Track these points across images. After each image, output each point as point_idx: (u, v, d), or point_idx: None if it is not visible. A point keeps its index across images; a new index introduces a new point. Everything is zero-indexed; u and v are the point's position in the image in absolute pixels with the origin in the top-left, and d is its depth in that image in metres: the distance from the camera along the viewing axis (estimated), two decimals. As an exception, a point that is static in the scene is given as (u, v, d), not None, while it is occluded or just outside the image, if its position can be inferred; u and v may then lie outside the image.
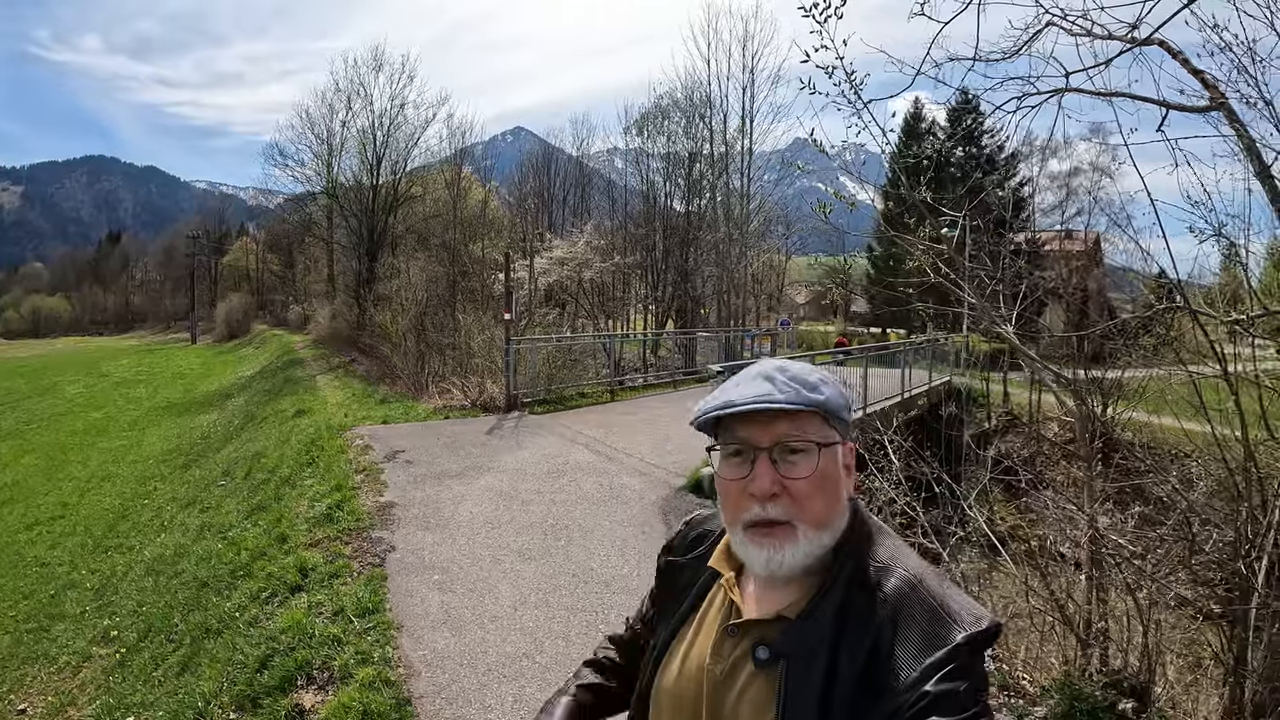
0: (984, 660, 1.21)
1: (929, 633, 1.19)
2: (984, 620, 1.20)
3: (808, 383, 1.32)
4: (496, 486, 9.25)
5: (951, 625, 1.19)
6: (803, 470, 1.29)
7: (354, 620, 5.72)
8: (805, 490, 1.29)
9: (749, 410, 1.28)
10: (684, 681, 1.39)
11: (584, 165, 44.81)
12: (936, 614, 1.21)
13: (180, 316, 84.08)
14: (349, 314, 32.32)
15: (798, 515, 1.28)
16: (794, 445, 1.29)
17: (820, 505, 1.30)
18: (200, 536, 10.32)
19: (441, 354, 19.12)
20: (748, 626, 1.33)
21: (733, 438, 1.33)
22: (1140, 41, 4.77)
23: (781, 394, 1.29)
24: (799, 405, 1.28)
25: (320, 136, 37.49)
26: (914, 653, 1.18)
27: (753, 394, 1.30)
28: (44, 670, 8.65)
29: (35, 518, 15.24)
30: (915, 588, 1.25)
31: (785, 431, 1.30)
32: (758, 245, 34.36)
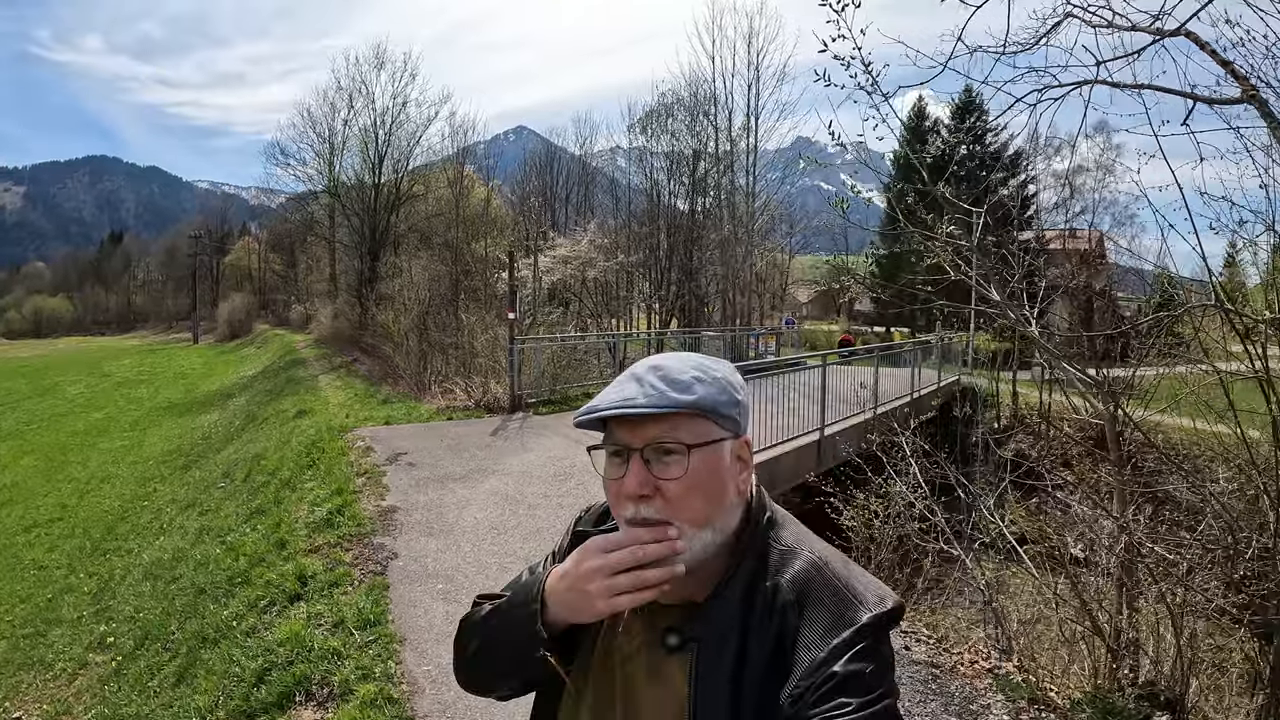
0: (889, 641, 1.22)
1: (835, 614, 1.20)
2: (888, 600, 1.22)
3: (678, 383, 1.28)
4: (501, 490, 9.03)
5: (857, 606, 1.20)
6: (674, 471, 1.25)
7: (355, 632, 5.50)
8: (678, 491, 1.25)
9: (613, 415, 1.26)
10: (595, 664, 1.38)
11: (587, 164, 44.67)
12: (842, 595, 1.22)
13: (182, 316, 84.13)
14: (351, 313, 32.21)
15: (673, 515, 1.25)
16: (667, 446, 1.26)
17: (698, 504, 1.27)
18: (199, 540, 10.15)
19: (444, 354, 18.94)
20: (655, 610, 1.31)
21: (611, 438, 1.31)
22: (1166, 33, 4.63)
23: (644, 398, 1.25)
24: (661, 408, 1.24)
25: (322, 135, 37.49)
26: (820, 633, 1.18)
27: (617, 398, 1.27)
28: (40, 677, 8.51)
29: (34, 519, 15.14)
30: (820, 570, 1.26)
31: (656, 434, 1.26)
32: (762, 244, 34.14)
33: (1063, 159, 33.23)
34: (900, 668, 5.34)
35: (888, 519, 8.43)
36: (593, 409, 1.28)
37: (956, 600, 8.94)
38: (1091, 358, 7.38)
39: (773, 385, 10.41)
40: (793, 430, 10.80)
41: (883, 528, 8.42)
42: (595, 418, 1.27)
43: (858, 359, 15.45)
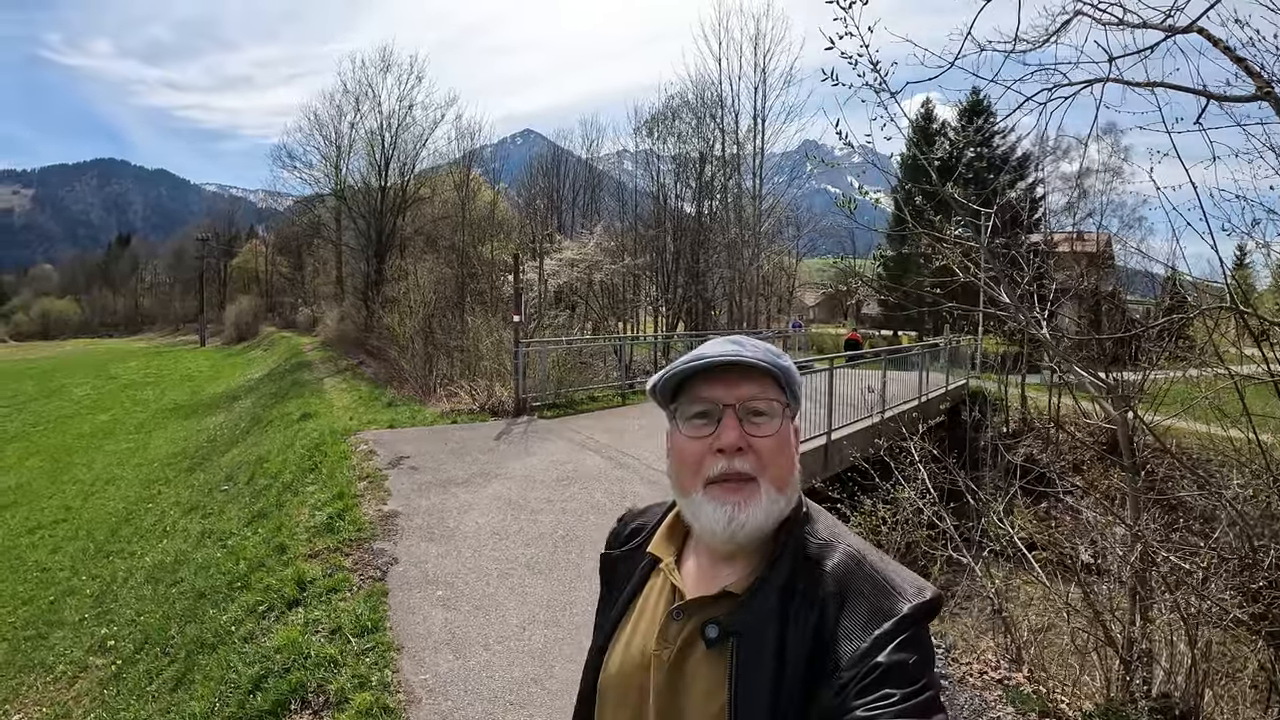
0: (929, 632, 1.22)
1: (875, 605, 1.20)
2: (926, 591, 1.22)
3: (772, 349, 1.37)
4: (504, 495, 8.92)
5: (897, 597, 1.20)
6: (767, 429, 1.31)
7: (352, 640, 5.40)
8: (771, 448, 1.31)
9: (723, 362, 1.32)
10: (629, 671, 1.37)
11: (593, 167, 44.63)
12: (881, 586, 1.22)
13: (189, 319, 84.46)
14: (357, 316, 32.22)
15: (763, 472, 1.29)
16: (759, 406, 1.32)
17: (784, 465, 1.32)
18: (201, 543, 10.12)
19: (449, 357, 18.88)
20: (692, 607, 1.32)
21: (696, 399, 1.34)
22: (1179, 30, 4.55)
23: (750, 353, 1.32)
24: (767, 364, 1.32)
25: (328, 138, 37.48)
26: (862, 625, 1.19)
27: (722, 351, 1.33)
28: (40, 679, 8.52)
29: (38, 521, 15.16)
30: (859, 563, 1.27)
31: (751, 392, 1.32)
32: (769, 247, 34.07)
33: (1070, 160, 33.05)
34: None
35: (895, 525, 8.34)
36: (701, 356, 1.34)
37: (964, 607, 8.85)
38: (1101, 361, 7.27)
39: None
40: (800, 434, 10.66)
41: (890, 534, 8.32)
42: (706, 365, 1.33)
43: (865, 362, 15.32)
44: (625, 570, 1.52)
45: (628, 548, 1.55)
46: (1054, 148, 32.20)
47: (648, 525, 1.55)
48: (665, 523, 1.49)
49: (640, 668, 1.35)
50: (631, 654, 1.38)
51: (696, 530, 1.38)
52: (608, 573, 1.58)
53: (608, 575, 1.58)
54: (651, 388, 1.40)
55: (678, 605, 1.34)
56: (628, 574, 1.50)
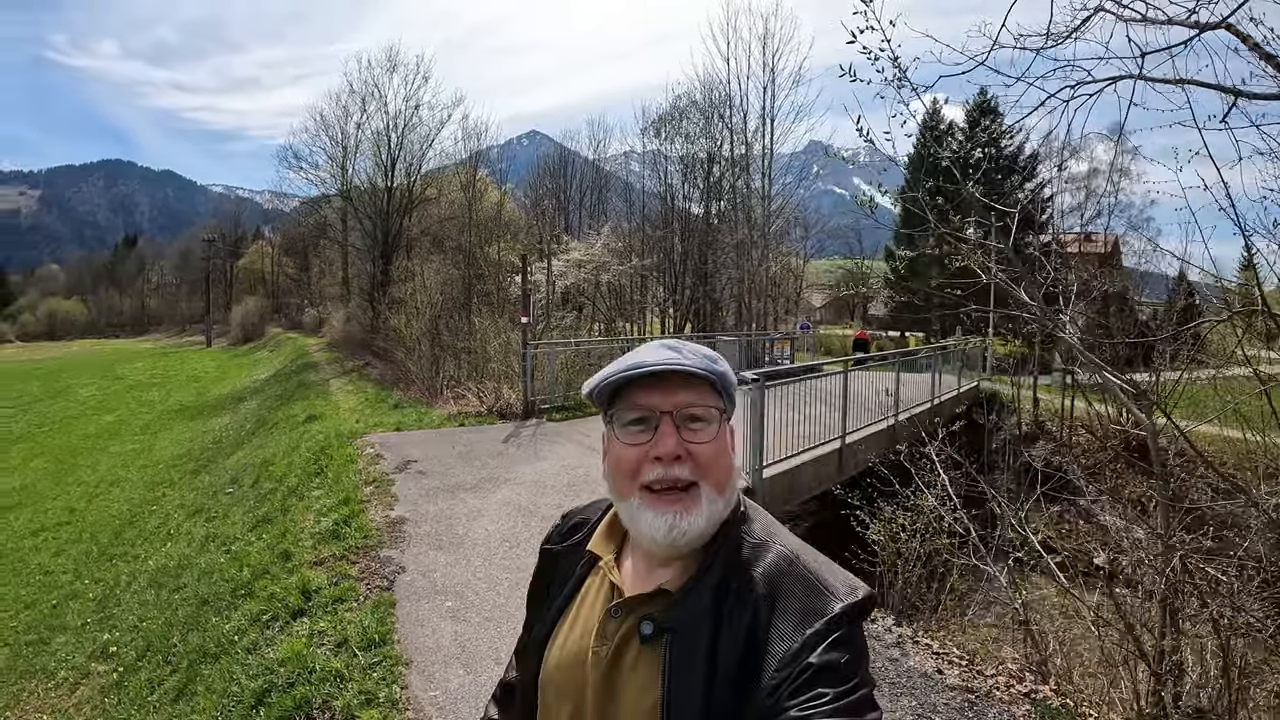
0: (862, 631, 1.24)
1: (806, 605, 1.22)
2: (859, 591, 1.25)
3: (708, 355, 1.39)
4: (514, 500, 8.76)
5: (828, 596, 1.22)
6: (705, 436, 1.33)
7: (359, 653, 5.24)
8: (709, 453, 1.33)
9: (660, 370, 1.32)
10: (567, 667, 1.39)
11: (600, 167, 44.51)
12: (813, 586, 1.24)
13: (196, 319, 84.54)
14: (363, 317, 32.17)
15: (703, 477, 1.31)
16: (696, 413, 1.34)
17: (722, 470, 1.34)
18: (204, 548, 10.00)
19: (456, 358, 18.75)
20: (629, 604, 1.35)
21: (633, 405, 1.36)
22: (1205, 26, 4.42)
23: (688, 360, 1.34)
24: (704, 371, 1.34)
25: (335, 139, 37.38)
26: (793, 624, 1.20)
27: (660, 358, 1.34)
28: (42, 686, 8.39)
29: (42, 523, 15.08)
30: (791, 562, 1.29)
31: (688, 400, 1.34)
32: (777, 247, 33.92)
33: (1078, 161, 32.79)
34: (934, 694, 5.18)
35: (914, 533, 8.21)
36: (639, 364, 1.33)
37: (982, 615, 8.72)
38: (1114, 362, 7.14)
39: (793, 393, 10.12)
40: (814, 439, 10.54)
41: (909, 542, 8.20)
42: (643, 373, 1.33)
43: (877, 365, 15.17)
44: (566, 565, 1.54)
45: (568, 543, 1.57)
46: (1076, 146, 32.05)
47: (589, 521, 1.57)
48: (605, 521, 1.52)
49: (579, 663, 1.37)
50: (570, 649, 1.40)
51: (634, 535, 1.39)
52: (547, 567, 1.60)
53: (546, 569, 1.60)
54: (588, 392, 1.41)
55: (615, 603, 1.37)
56: (568, 569, 1.52)
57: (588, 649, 1.36)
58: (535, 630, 1.52)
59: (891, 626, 6.36)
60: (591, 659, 1.35)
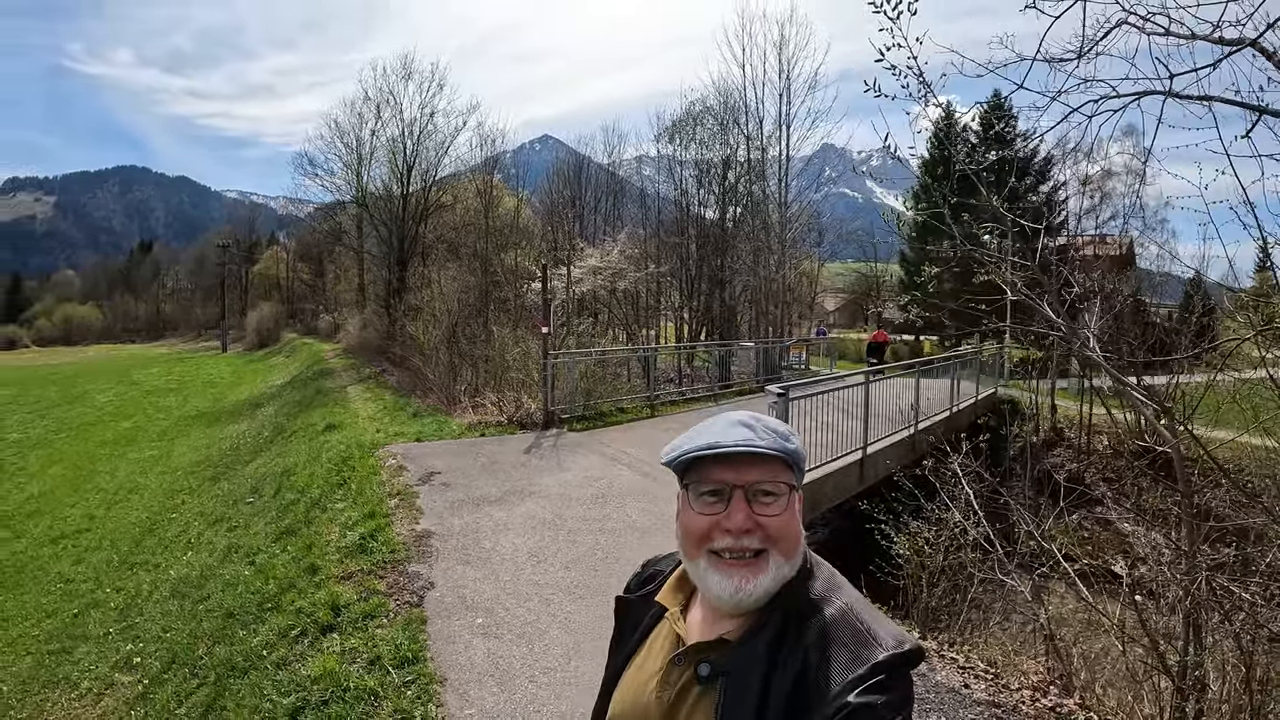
0: (908, 681, 1.28)
1: (854, 653, 1.27)
2: (906, 644, 1.29)
3: (781, 433, 1.43)
4: (539, 514, 8.74)
5: (875, 646, 1.27)
6: (776, 509, 1.38)
7: (392, 671, 5.22)
8: (779, 525, 1.37)
9: (734, 453, 1.36)
10: (631, 710, 1.46)
11: (615, 173, 44.44)
12: (861, 636, 1.29)
13: (211, 325, 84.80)
14: (379, 324, 32.16)
15: (772, 545, 1.36)
16: (767, 488, 1.38)
17: (791, 538, 1.39)
18: (227, 559, 9.98)
19: (474, 366, 18.70)
20: (692, 652, 1.42)
21: (708, 478, 1.40)
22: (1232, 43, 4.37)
23: (762, 440, 1.38)
24: (777, 452, 1.38)
25: (350, 146, 37.39)
26: (840, 670, 1.25)
27: (736, 439, 1.38)
28: (65, 696, 8.37)
29: (61, 530, 15.08)
30: (845, 614, 1.34)
31: (759, 477, 1.38)
32: (793, 253, 33.79)
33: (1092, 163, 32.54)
34: (963, 709, 5.17)
35: (936, 545, 8.15)
36: (714, 444, 1.37)
37: (1003, 625, 8.66)
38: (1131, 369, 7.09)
39: (815, 404, 10.06)
40: (836, 450, 10.47)
41: (934, 556, 8.14)
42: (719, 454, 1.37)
43: (896, 373, 15.09)
44: (637, 614, 1.62)
45: (642, 593, 1.64)
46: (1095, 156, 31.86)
47: (663, 573, 1.64)
48: (675, 574, 1.58)
49: (643, 706, 1.43)
50: (635, 694, 1.47)
51: (702, 591, 1.45)
52: (621, 614, 1.69)
53: (621, 616, 1.69)
54: (666, 461, 1.45)
55: (679, 652, 1.44)
56: (639, 617, 1.61)
57: (652, 693, 1.43)
58: (606, 673, 1.61)
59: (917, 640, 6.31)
60: (655, 704, 1.41)
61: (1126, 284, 23.99)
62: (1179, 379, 12.75)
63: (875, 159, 15.11)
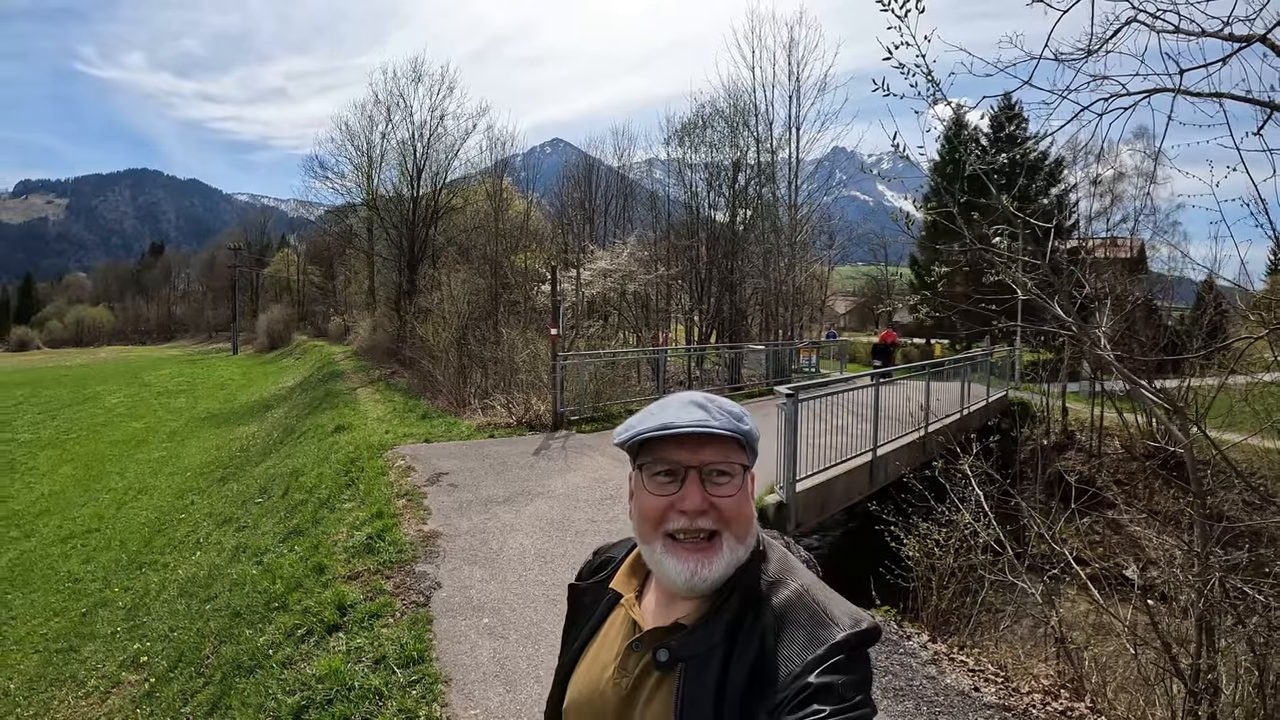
0: (867, 661, 1.27)
1: (811, 634, 1.26)
2: (863, 622, 1.28)
3: (735, 413, 1.42)
4: (547, 515, 8.71)
5: (832, 626, 1.27)
6: (729, 490, 1.38)
7: (397, 670, 5.19)
8: (732, 506, 1.37)
9: (687, 433, 1.36)
10: (589, 698, 1.45)
11: (625, 176, 44.39)
12: (818, 616, 1.29)
13: (222, 327, 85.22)
14: (389, 326, 32.19)
15: (725, 527, 1.36)
16: (721, 469, 1.37)
17: (744, 520, 1.39)
18: (235, 558, 9.96)
19: (484, 368, 18.70)
20: (649, 638, 1.40)
21: (662, 459, 1.39)
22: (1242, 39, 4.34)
23: (716, 420, 1.38)
24: (730, 432, 1.37)
25: (360, 149, 37.42)
26: (797, 651, 1.25)
27: (691, 419, 1.37)
28: (72, 694, 8.38)
29: (71, 530, 15.12)
30: (800, 595, 1.34)
31: (713, 457, 1.37)
32: (804, 256, 33.69)
33: (1103, 166, 32.40)
34: (973, 712, 5.14)
35: (946, 547, 8.10)
36: (669, 425, 1.36)
37: (1011, 629, 8.60)
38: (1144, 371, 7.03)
39: (825, 406, 10.01)
40: (846, 451, 10.43)
41: (944, 558, 8.09)
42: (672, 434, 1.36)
43: (906, 375, 15.03)
44: (591, 600, 1.60)
45: (594, 580, 1.63)
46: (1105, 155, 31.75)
47: (615, 559, 1.65)
48: (629, 559, 1.58)
49: (600, 694, 1.43)
50: (592, 681, 1.46)
51: (657, 576, 1.44)
52: (574, 602, 1.67)
53: (574, 604, 1.66)
54: (619, 442, 1.44)
55: (636, 638, 1.42)
56: (593, 604, 1.59)
57: (609, 680, 1.42)
58: (560, 662, 1.60)
59: (926, 643, 6.31)
60: (612, 690, 1.41)
61: (1138, 286, 23.90)
62: (1190, 381, 12.70)
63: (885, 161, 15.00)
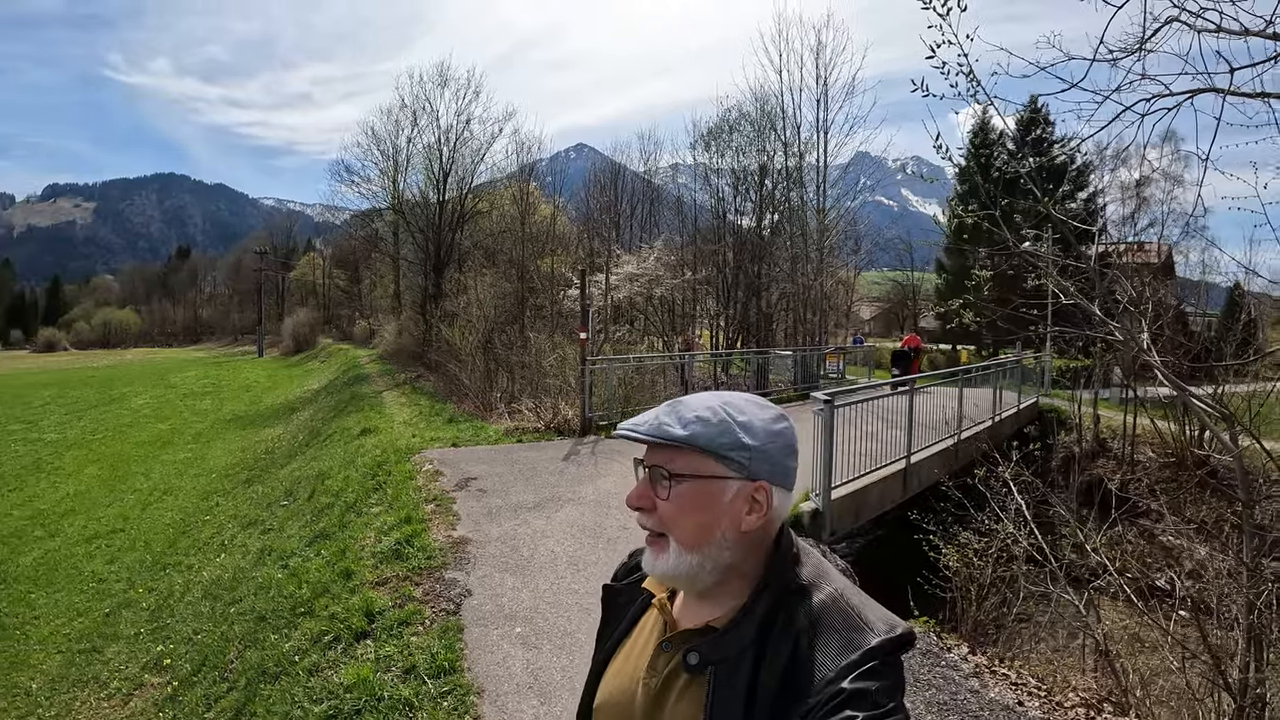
0: (901, 667, 1.26)
1: (845, 639, 1.25)
2: (898, 628, 1.27)
3: (682, 419, 1.37)
4: (578, 521, 8.55)
5: (867, 631, 1.26)
6: (662, 494, 1.36)
7: (428, 680, 5.03)
8: (668, 511, 1.36)
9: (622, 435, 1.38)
10: (618, 698, 1.44)
11: (651, 181, 44.38)
12: (853, 621, 1.28)
13: (247, 329, 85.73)
14: (415, 330, 32.22)
15: (666, 530, 1.36)
16: (661, 471, 1.36)
17: (688, 529, 1.35)
18: (260, 561, 9.87)
19: (511, 373, 18.61)
20: (679, 638, 1.40)
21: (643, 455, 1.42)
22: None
23: (646, 428, 1.37)
24: (653, 438, 1.36)
25: (386, 153, 37.61)
26: (832, 656, 1.23)
27: (631, 423, 1.39)
28: (94, 695, 8.32)
29: (95, 530, 15.12)
30: (835, 600, 1.31)
31: (658, 459, 1.38)
32: (831, 261, 33.47)
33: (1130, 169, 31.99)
34: None
35: (986, 557, 7.93)
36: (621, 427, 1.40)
37: (1044, 638, 8.45)
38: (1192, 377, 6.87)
39: (856, 412, 9.82)
40: (880, 458, 10.31)
41: (983, 568, 7.92)
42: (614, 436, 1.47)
43: (937, 382, 14.83)
44: (625, 601, 1.59)
45: (628, 581, 1.62)
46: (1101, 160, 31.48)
47: None
48: None
49: (629, 694, 1.42)
50: (623, 681, 1.45)
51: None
52: (609, 603, 1.65)
53: (609, 605, 1.65)
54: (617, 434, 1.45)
55: (666, 638, 1.42)
56: (627, 604, 1.58)
57: (639, 680, 1.42)
58: (594, 661, 1.59)
59: (967, 655, 6.17)
60: (641, 690, 1.40)
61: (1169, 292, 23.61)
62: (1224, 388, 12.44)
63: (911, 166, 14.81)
